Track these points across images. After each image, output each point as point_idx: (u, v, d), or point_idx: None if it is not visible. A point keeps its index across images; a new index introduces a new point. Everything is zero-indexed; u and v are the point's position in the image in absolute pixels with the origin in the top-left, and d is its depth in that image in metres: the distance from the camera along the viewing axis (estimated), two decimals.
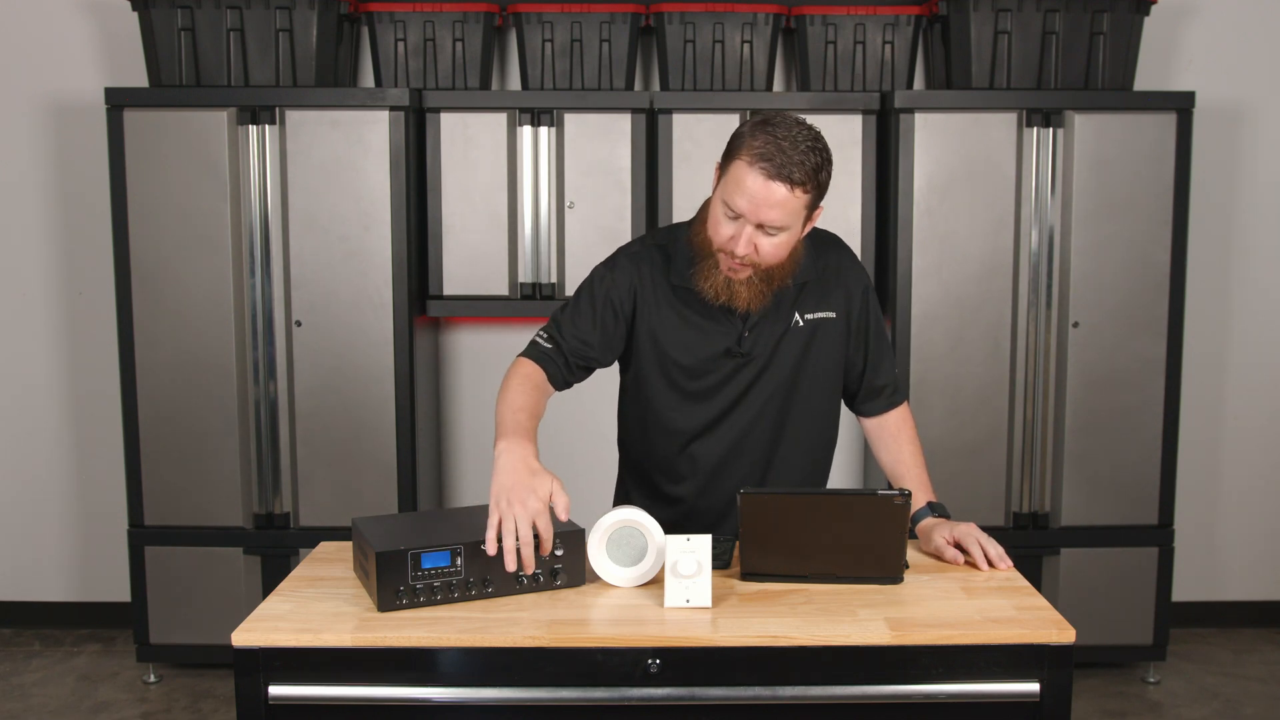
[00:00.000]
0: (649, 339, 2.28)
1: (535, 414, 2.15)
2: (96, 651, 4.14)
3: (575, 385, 2.31)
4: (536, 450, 2.04)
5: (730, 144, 2.10)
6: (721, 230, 2.10)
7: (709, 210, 2.16)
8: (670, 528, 2.28)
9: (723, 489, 2.34)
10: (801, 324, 2.27)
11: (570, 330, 2.26)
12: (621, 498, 2.50)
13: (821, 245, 2.31)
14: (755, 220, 2.05)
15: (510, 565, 1.94)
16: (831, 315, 2.29)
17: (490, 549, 1.94)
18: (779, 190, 2.02)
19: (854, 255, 2.37)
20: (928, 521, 2.27)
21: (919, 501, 2.30)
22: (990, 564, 2.15)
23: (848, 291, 2.31)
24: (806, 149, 2.02)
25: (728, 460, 2.33)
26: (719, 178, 2.12)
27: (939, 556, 2.20)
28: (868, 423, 2.43)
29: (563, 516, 1.97)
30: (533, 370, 2.23)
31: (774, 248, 2.09)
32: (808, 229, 2.16)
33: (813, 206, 2.10)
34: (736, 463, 2.33)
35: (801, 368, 2.29)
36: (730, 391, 2.28)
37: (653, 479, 2.39)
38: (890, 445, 2.39)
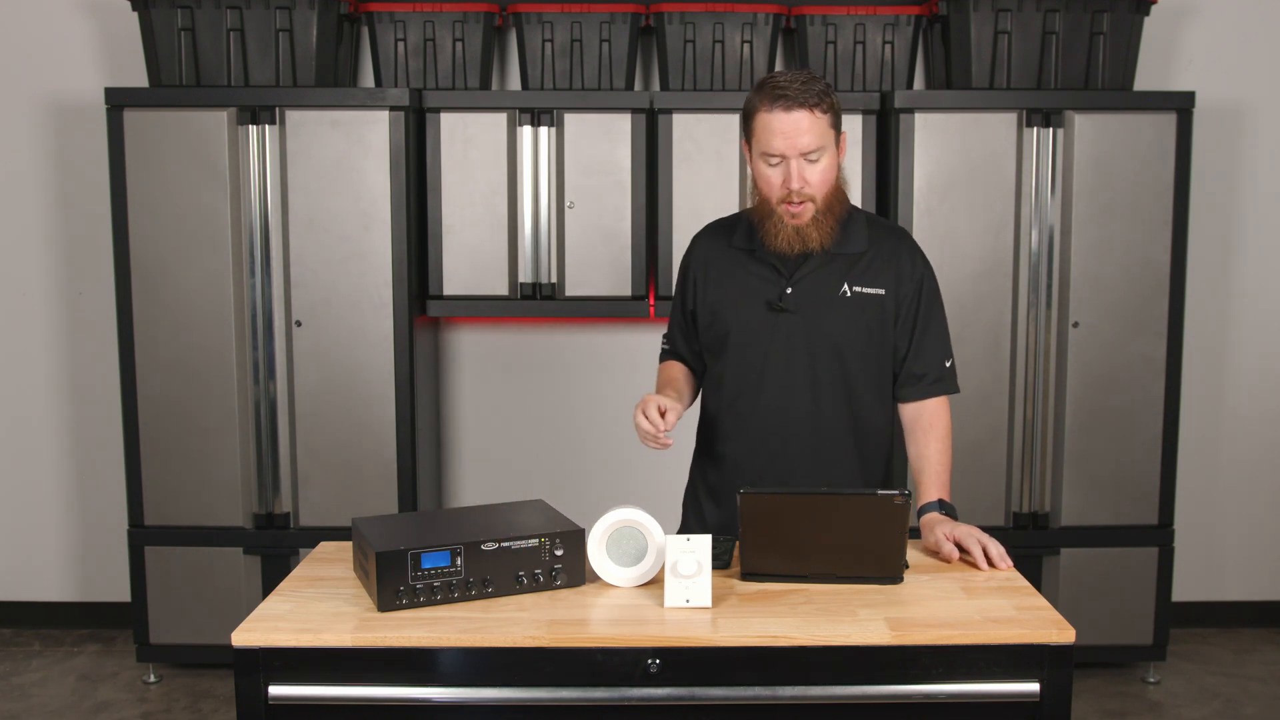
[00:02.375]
0: (704, 296, 2.43)
1: (672, 383, 2.48)
2: (96, 651, 4.14)
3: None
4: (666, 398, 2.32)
5: (745, 115, 2.30)
6: (772, 181, 2.26)
7: (754, 179, 2.32)
8: (720, 489, 2.42)
9: (767, 451, 2.39)
10: (849, 295, 2.34)
11: (670, 326, 2.55)
12: (694, 461, 2.59)
13: (885, 230, 2.42)
14: (795, 152, 2.21)
15: (658, 442, 2.23)
16: (880, 292, 2.35)
17: (651, 444, 2.25)
18: (802, 116, 2.20)
19: (918, 247, 2.44)
20: (932, 516, 2.27)
21: (930, 495, 2.31)
22: (990, 563, 2.16)
23: (899, 274, 2.37)
24: (807, 79, 2.23)
25: (770, 421, 2.36)
26: (749, 150, 2.31)
27: (936, 550, 2.21)
28: (905, 409, 2.45)
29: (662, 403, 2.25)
30: (668, 364, 2.55)
31: (821, 174, 2.25)
32: (842, 154, 2.32)
33: (837, 129, 2.28)
34: (780, 425, 2.37)
35: (848, 339, 2.34)
36: (771, 346, 2.35)
37: (707, 438, 2.52)
38: (919, 438, 2.41)
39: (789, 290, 2.33)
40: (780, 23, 3.81)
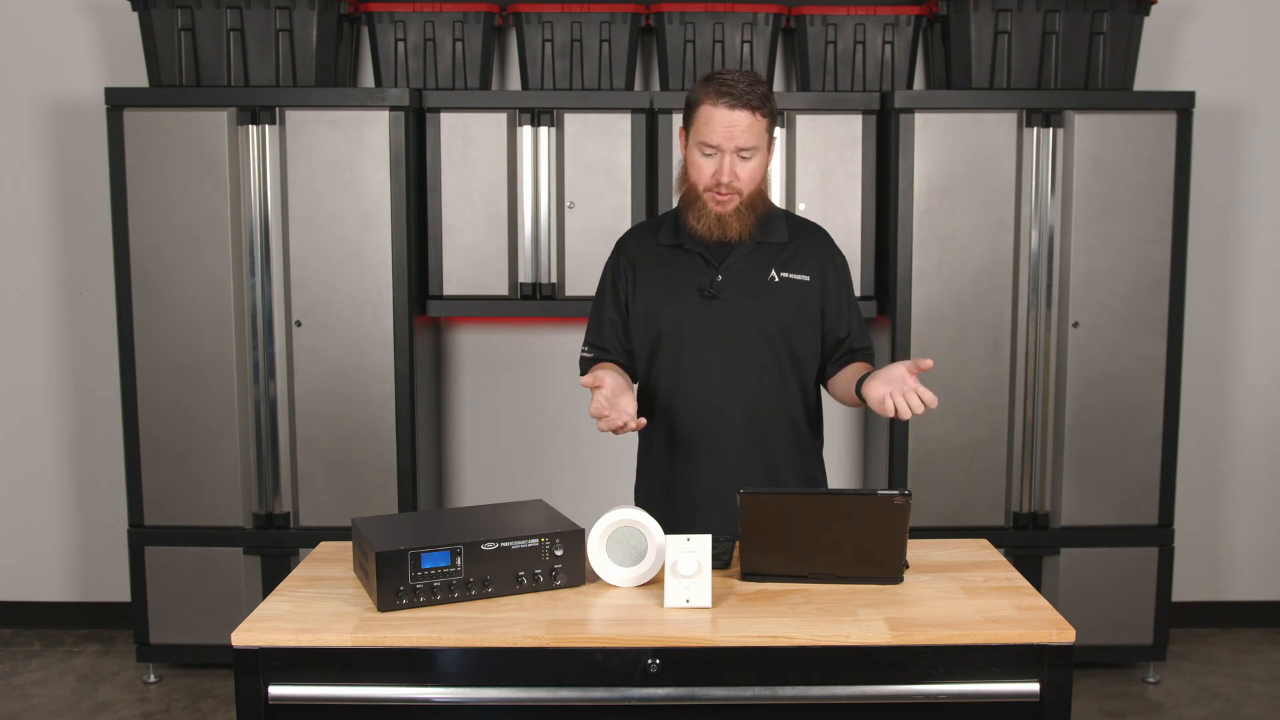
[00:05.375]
0: (637, 292, 2.49)
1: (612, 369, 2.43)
2: (96, 651, 4.14)
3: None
4: (616, 378, 2.30)
5: (688, 104, 2.40)
6: (704, 170, 2.36)
7: (685, 165, 2.41)
8: (666, 480, 2.46)
9: (708, 436, 2.44)
10: (777, 280, 2.45)
11: (597, 328, 2.53)
12: (642, 452, 2.58)
13: (803, 225, 2.54)
14: (731, 147, 2.33)
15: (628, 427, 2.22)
16: (806, 279, 2.47)
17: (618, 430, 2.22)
18: (744, 116, 2.31)
19: (832, 240, 2.55)
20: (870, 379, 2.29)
21: (864, 370, 2.39)
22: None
23: (823, 264, 2.49)
24: (753, 81, 2.34)
25: (710, 407, 2.42)
26: (685, 137, 2.41)
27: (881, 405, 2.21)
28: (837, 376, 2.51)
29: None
30: (599, 367, 2.47)
31: (750, 172, 2.36)
32: (770, 155, 2.44)
33: (771, 131, 2.40)
34: (719, 410, 2.42)
35: (778, 322, 2.44)
36: (706, 332, 2.41)
37: (646, 431, 2.52)
38: (848, 369, 2.46)
39: (719, 277, 2.42)
40: (780, 23, 3.81)
